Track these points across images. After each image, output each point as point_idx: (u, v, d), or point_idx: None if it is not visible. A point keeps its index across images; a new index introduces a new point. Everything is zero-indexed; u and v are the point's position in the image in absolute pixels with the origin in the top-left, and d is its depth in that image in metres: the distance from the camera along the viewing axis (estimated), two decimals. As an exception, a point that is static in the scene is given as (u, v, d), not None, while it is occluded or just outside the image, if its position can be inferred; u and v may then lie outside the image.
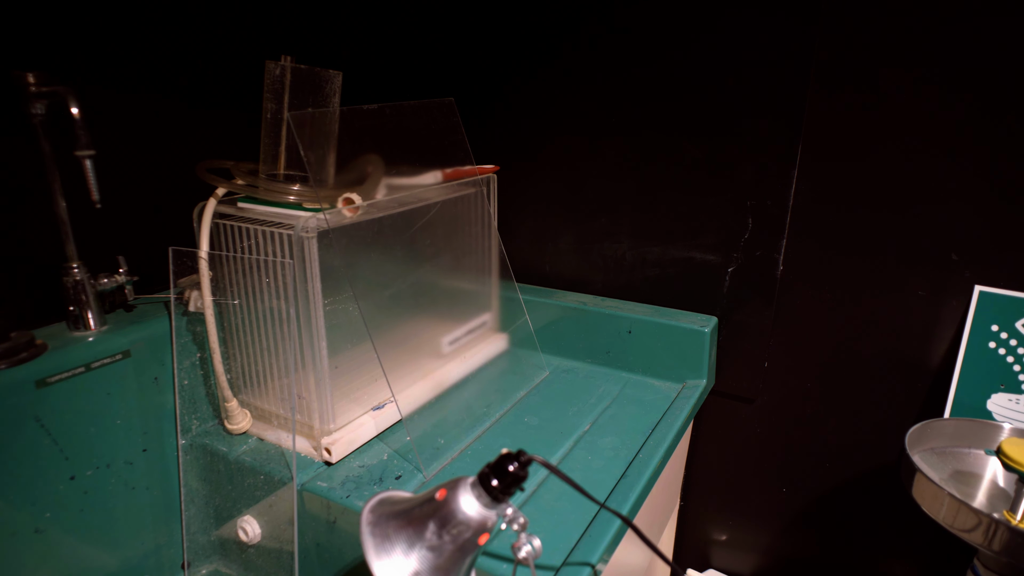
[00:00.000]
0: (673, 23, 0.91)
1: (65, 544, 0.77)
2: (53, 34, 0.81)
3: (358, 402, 0.86)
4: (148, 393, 0.85)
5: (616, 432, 0.86)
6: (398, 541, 0.50)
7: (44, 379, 0.74)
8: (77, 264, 0.80)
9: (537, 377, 1.02)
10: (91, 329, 0.82)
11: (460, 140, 0.94)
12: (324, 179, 0.81)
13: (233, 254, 0.80)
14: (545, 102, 1.07)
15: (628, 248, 1.06)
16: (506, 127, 1.12)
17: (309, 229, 0.73)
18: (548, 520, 0.68)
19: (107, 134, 0.81)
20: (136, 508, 0.85)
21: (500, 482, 0.51)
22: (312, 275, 0.75)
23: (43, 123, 0.75)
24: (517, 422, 0.89)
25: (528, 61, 1.06)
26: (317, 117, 0.79)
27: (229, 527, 0.85)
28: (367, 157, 0.85)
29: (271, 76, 0.79)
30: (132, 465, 0.84)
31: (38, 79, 0.73)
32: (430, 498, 0.52)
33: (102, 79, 0.86)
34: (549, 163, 1.10)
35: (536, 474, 0.76)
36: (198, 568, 0.89)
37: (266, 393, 0.86)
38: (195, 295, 0.84)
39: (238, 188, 0.80)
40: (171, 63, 0.93)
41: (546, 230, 1.14)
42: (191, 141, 0.98)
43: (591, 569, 0.62)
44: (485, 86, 1.12)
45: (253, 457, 0.82)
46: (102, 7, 0.84)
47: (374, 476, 0.77)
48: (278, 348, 0.81)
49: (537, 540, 0.54)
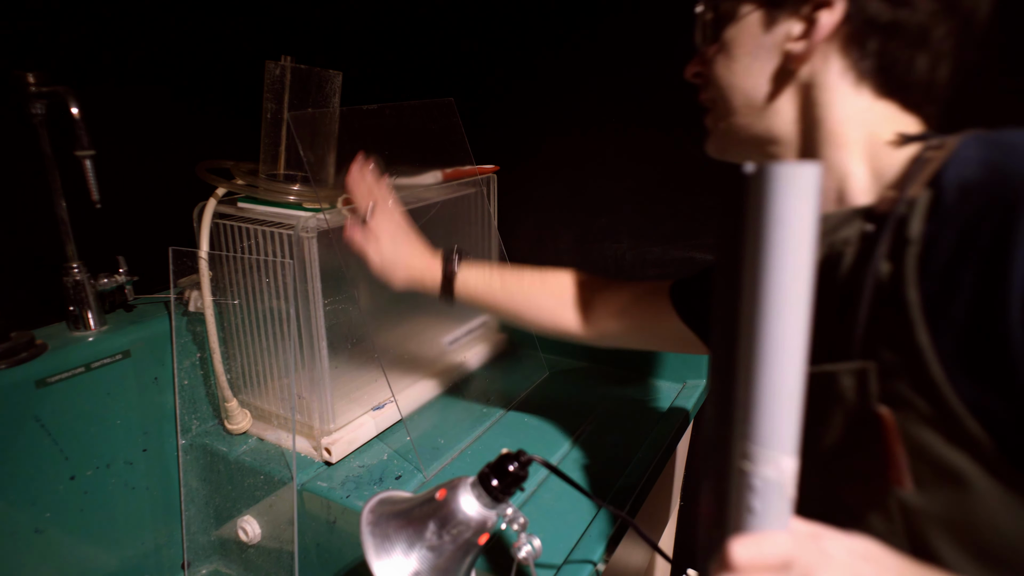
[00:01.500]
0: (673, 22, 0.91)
1: (65, 544, 0.77)
2: (53, 34, 0.81)
3: (358, 402, 0.86)
4: (148, 393, 0.85)
5: (616, 432, 0.86)
6: (398, 541, 0.50)
7: (44, 379, 0.74)
8: (77, 264, 0.80)
9: (537, 377, 1.02)
10: (91, 329, 0.82)
11: (460, 140, 0.94)
12: (324, 179, 0.81)
13: (233, 254, 0.80)
14: (545, 102, 1.07)
15: (628, 248, 1.06)
16: (506, 127, 1.12)
17: (309, 229, 0.73)
18: (548, 520, 0.68)
19: (107, 134, 0.81)
20: (136, 508, 0.85)
21: (500, 482, 0.51)
22: (312, 275, 0.74)
23: (43, 123, 0.75)
24: (517, 422, 0.89)
25: (528, 61, 1.06)
26: (317, 117, 0.79)
27: (229, 527, 0.85)
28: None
29: (271, 76, 0.79)
30: (132, 465, 0.84)
31: (38, 79, 0.73)
32: (430, 498, 0.52)
33: (102, 79, 0.86)
34: (549, 163, 1.10)
35: (536, 474, 0.76)
36: (198, 568, 0.89)
37: (266, 393, 0.86)
38: (195, 295, 0.84)
39: (238, 188, 0.80)
40: (171, 63, 0.93)
41: (546, 230, 1.14)
42: (191, 141, 0.98)
43: (591, 569, 0.62)
44: (485, 86, 1.12)
45: (253, 457, 0.82)
46: (102, 7, 0.84)
47: (374, 476, 0.77)
48: (278, 348, 0.81)
49: (537, 540, 0.54)
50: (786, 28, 0.45)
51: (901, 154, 0.43)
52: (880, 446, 0.39)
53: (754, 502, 0.31)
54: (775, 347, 0.30)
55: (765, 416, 0.30)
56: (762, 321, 0.30)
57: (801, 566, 0.31)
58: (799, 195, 0.28)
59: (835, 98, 0.45)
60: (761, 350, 0.30)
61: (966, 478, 0.36)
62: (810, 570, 0.31)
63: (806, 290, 0.29)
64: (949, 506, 0.38)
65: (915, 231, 0.39)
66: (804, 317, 0.30)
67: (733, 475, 0.32)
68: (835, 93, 0.45)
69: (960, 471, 0.37)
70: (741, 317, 0.31)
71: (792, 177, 0.28)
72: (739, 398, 0.31)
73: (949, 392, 0.36)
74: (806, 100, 0.46)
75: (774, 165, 0.28)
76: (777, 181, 0.28)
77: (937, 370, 0.37)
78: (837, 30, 0.43)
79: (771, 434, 0.30)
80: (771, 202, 0.28)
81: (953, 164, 0.39)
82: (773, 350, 0.30)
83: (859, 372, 0.41)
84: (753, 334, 0.30)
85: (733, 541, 0.31)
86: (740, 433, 0.31)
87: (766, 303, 0.29)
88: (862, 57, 0.44)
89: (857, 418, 0.41)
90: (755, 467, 0.31)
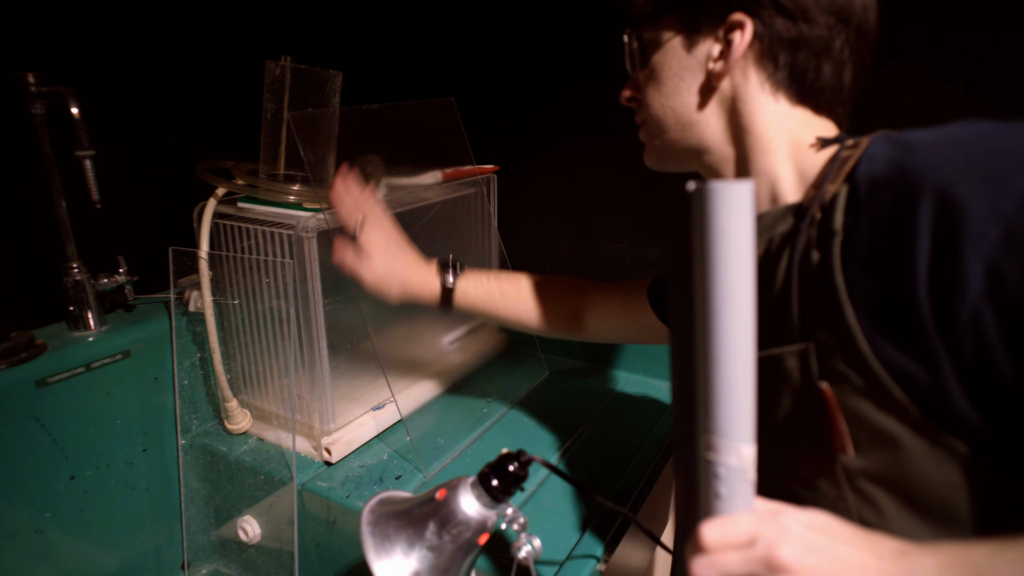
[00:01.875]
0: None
1: (65, 544, 0.77)
2: (53, 34, 0.81)
3: (358, 402, 0.86)
4: (148, 393, 0.85)
5: (616, 432, 0.86)
6: (398, 541, 0.50)
7: (44, 379, 0.74)
8: (77, 264, 0.80)
9: (537, 377, 1.02)
10: (91, 329, 0.82)
11: (460, 140, 0.94)
12: (324, 179, 0.81)
13: (233, 254, 0.80)
14: (546, 102, 1.07)
15: (628, 248, 1.06)
16: (506, 127, 1.12)
17: (309, 229, 0.73)
18: (548, 520, 0.68)
19: (107, 134, 0.81)
20: (136, 508, 0.85)
21: (500, 482, 0.51)
22: (312, 275, 0.74)
23: (43, 123, 0.75)
24: (517, 422, 0.89)
25: (529, 61, 1.06)
26: (317, 117, 0.79)
27: (229, 527, 0.85)
28: (367, 157, 0.85)
29: (271, 76, 0.79)
30: (132, 465, 0.84)
31: (38, 79, 0.73)
32: (430, 498, 0.52)
33: (102, 79, 0.86)
34: (549, 163, 1.09)
35: (536, 474, 0.76)
36: (198, 568, 0.89)
37: (266, 393, 0.86)
38: (195, 295, 0.84)
39: (238, 188, 0.80)
40: (171, 63, 0.93)
41: (546, 230, 1.14)
42: (191, 141, 0.98)
43: (592, 569, 0.62)
44: (486, 86, 1.12)
45: (253, 457, 0.82)
46: (102, 7, 0.84)
47: (374, 476, 0.77)
48: (278, 348, 0.81)
49: (537, 540, 0.54)
50: (706, 49, 0.51)
51: (822, 155, 0.49)
52: (824, 419, 0.44)
53: (720, 488, 0.35)
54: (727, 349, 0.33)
55: (724, 411, 0.34)
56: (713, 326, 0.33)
57: (763, 541, 0.34)
58: (736, 208, 0.31)
59: (757, 108, 0.50)
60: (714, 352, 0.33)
61: (897, 439, 0.41)
62: (771, 544, 0.34)
63: (750, 292, 0.32)
64: (886, 466, 0.42)
65: (837, 223, 0.44)
66: (750, 318, 0.33)
67: (700, 465, 0.36)
68: (756, 104, 0.50)
69: (892, 434, 0.41)
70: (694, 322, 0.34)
71: (729, 193, 0.31)
72: (699, 396, 0.35)
73: (876, 365, 0.41)
74: (732, 112, 0.51)
75: (712, 184, 0.31)
76: (716, 197, 0.31)
77: (864, 346, 0.41)
78: (750, 48, 0.49)
79: (730, 426, 0.34)
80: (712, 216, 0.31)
81: (864, 162, 0.44)
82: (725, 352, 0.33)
83: (801, 353, 0.46)
84: (706, 337, 0.33)
85: (703, 524, 0.35)
86: (703, 427, 0.35)
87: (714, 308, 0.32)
88: (775, 70, 0.49)
89: (802, 394, 0.46)
90: (719, 456, 0.34)
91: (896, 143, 0.43)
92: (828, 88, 0.49)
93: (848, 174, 0.44)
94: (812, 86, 0.49)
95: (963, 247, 0.36)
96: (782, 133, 0.50)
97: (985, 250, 0.35)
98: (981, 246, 0.35)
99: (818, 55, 0.48)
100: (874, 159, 0.43)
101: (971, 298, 0.36)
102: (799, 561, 0.33)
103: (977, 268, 0.36)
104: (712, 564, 0.34)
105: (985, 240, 0.35)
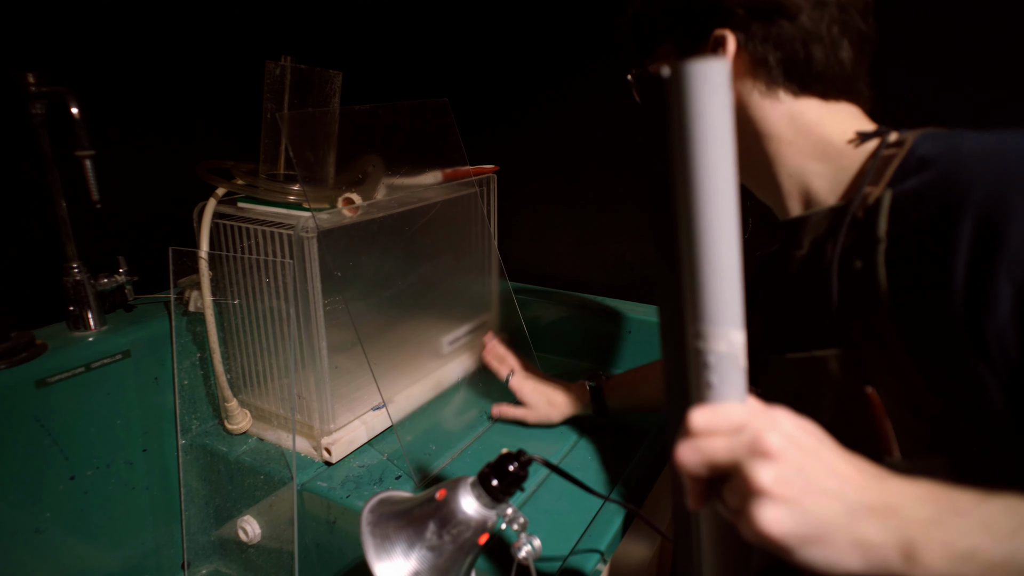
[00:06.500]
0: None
1: (65, 544, 0.77)
2: (53, 34, 0.81)
3: (358, 402, 0.86)
4: (148, 393, 0.85)
5: (616, 432, 0.86)
6: (398, 541, 0.50)
7: (44, 379, 0.74)
8: (77, 264, 0.80)
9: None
10: (91, 329, 0.82)
11: (455, 140, 0.94)
12: (324, 179, 0.81)
13: (233, 254, 0.80)
14: (546, 102, 1.07)
15: (628, 248, 1.06)
16: (506, 127, 1.12)
17: (309, 229, 0.73)
18: (548, 520, 0.68)
19: (107, 134, 0.81)
20: (136, 508, 0.85)
21: (500, 482, 0.51)
22: (312, 275, 0.74)
23: (43, 123, 0.75)
24: (517, 422, 0.89)
25: (529, 61, 1.06)
26: (309, 117, 0.79)
27: (229, 527, 0.85)
28: (367, 157, 0.85)
29: (271, 76, 0.79)
30: (132, 465, 0.84)
31: (38, 79, 0.73)
32: (430, 498, 0.52)
33: (102, 79, 0.86)
34: (549, 163, 1.10)
35: (536, 474, 0.76)
36: (198, 568, 0.89)
37: (266, 393, 0.86)
38: (195, 295, 0.84)
39: (238, 188, 0.80)
40: (171, 63, 0.93)
41: (546, 230, 1.14)
42: (191, 141, 0.98)
43: (592, 569, 0.62)
44: (486, 86, 1.12)
45: (253, 457, 0.82)
46: (102, 7, 0.84)
47: (374, 476, 0.77)
48: (278, 348, 0.81)
49: (537, 540, 0.54)
50: None
51: (860, 151, 0.48)
52: (869, 421, 0.45)
53: (711, 377, 0.34)
54: (711, 230, 0.32)
55: (711, 296, 0.33)
56: (696, 208, 0.32)
57: (751, 430, 0.33)
58: (713, 85, 0.31)
59: (765, 112, 0.51)
60: (699, 236, 0.32)
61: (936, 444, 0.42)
62: (759, 432, 0.33)
63: (731, 171, 0.32)
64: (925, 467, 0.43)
65: (882, 230, 0.44)
66: (733, 199, 0.32)
67: (690, 356, 0.35)
68: (763, 108, 0.51)
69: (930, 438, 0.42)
70: (677, 208, 0.33)
71: (706, 71, 0.30)
72: (685, 284, 0.34)
73: (917, 374, 0.42)
74: (744, 122, 0.52)
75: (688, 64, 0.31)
76: (693, 76, 0.31)
77: (906, 355, 0.42)
78: (739, 58, 0.50)
79: (719, 311, 0.33)
80: (690, 95, 0.31)
81: (910, 167, 0.43)
82: (710, 234, 0.32)
83: (842, 356, 0.46)
84: (690, 222, 0.32)
85: (692, 410, 0.35)
86: (691, 316, 0.34)
87: (697, 189, 0.32)
88: (769, 69, 0.50)
89: (844, 396, 0.47)
90: (708, 344, 0.33)
91: (947, 147, 0.42)
92: (826, 71, 0.49)
93: (892, 177, 0.44)
94: (808, 73, 0.49)
95: (997, 267, 0.37)
96: (800, 129, 0.50)
97: (1017, 274, 0.36)
98: (1014, 270, 0.36)
99: (805, 42, 0.48)
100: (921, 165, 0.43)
101: (999, 317, 0.37)
102: (783, 451, 0.32)
103: (1008, 291, 0.36)
104: (697, 449, 0.34)
105: (1019, 264, 0.36)
